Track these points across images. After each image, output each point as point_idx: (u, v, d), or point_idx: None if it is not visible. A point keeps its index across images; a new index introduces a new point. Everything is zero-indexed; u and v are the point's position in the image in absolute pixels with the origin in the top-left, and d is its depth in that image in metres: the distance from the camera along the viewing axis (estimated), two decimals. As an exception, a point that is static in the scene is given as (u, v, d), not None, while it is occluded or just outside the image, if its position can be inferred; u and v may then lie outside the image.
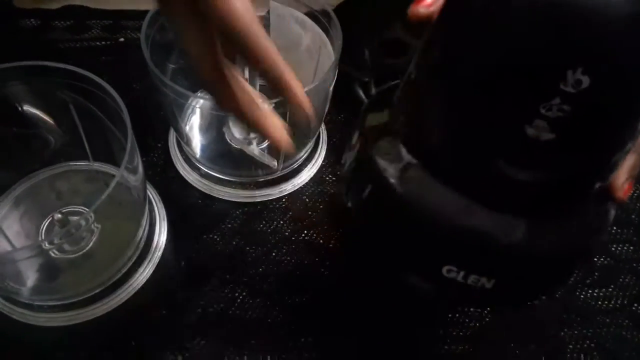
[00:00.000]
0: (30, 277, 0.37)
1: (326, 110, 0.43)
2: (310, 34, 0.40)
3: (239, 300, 0.38)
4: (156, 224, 0.40)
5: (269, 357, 0.35)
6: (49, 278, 0.37)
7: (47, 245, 0.34)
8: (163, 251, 0.39)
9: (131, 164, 0.33)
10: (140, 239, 0.39)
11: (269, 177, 0.43)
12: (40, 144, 0.40)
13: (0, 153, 0.39)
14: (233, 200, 0.42)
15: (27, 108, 0.37)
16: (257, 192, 0.43)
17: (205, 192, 0.43)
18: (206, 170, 0.43)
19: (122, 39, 0.52)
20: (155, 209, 0.41)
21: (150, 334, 0.36)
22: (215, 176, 0.43)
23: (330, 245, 0.40)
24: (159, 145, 0.45)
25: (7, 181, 0.40)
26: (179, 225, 0.41)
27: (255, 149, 0.43)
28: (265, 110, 0.26)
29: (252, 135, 0.44)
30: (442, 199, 0.23)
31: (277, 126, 0.26)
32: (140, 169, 0.35)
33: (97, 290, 0.36)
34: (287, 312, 0.37)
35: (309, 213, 0.42)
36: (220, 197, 0.42)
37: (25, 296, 0.36)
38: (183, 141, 0.44)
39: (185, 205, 0.42)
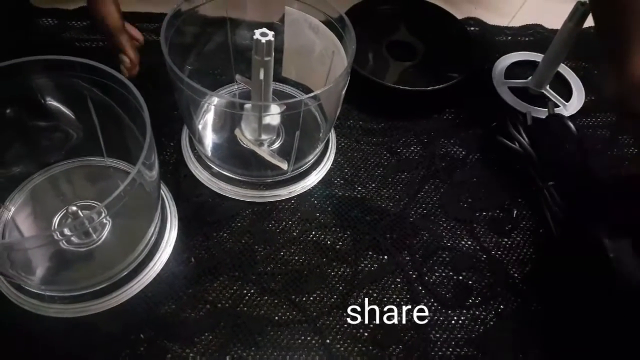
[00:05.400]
0: (42, 268, 0.37)
1: (337, 115, 0.44)
2: (323, 39, 0.41)
3: (247, 297, 0.38)
4: (167, 220, 0.41)
5: (275, 354, 0.36)
6: (61, 270, 0.37)
7: (58, 235, 0.34)
8: (173, 248, 0.40)
9: (148, 160, 0.33)
10: (152, 235, 0.39)
11: (279, 178, 0.44)
12: (58, 138, 0.41)
13: (19, 145, 0.40)
14: (243, 199, 0.43)
15: (49, 102, 0.38)
16: (267, 193, 0.43)
17: (216, 190, 0.43)
18: (217, 169, 0.44)
19: (137, 41, 0.53)
20: (167, 206, 0.42)
21: (158, 328, 0.36)
22: (226, 175, 0.44)
23: (338, 247, 0.41)
24: (172, 144, 0.46)
25: (24, 173, 0.41)
26: (189, 223, 0.41)
27: (265, 151, 0.43)
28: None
29: (264, 137, 0.44)
30: None
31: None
32: (157, 165, 0.36)
33: (107, 284, 0.37)
34: (294, 311, 0.38)
35: (317, 214, 0.43)
36: (231, 197, 0.43)
37: (36, 286, 0.36)
38: (196, 140, 0.45)
39: (195, 203, 0.43)
